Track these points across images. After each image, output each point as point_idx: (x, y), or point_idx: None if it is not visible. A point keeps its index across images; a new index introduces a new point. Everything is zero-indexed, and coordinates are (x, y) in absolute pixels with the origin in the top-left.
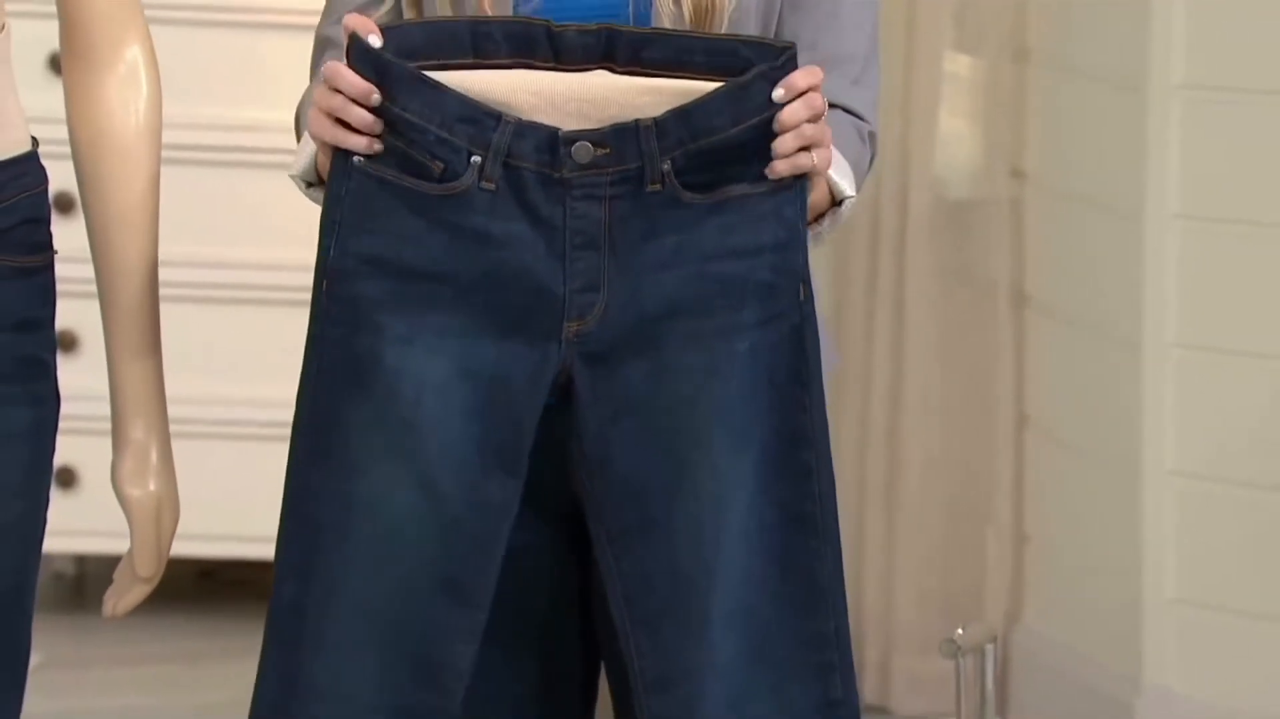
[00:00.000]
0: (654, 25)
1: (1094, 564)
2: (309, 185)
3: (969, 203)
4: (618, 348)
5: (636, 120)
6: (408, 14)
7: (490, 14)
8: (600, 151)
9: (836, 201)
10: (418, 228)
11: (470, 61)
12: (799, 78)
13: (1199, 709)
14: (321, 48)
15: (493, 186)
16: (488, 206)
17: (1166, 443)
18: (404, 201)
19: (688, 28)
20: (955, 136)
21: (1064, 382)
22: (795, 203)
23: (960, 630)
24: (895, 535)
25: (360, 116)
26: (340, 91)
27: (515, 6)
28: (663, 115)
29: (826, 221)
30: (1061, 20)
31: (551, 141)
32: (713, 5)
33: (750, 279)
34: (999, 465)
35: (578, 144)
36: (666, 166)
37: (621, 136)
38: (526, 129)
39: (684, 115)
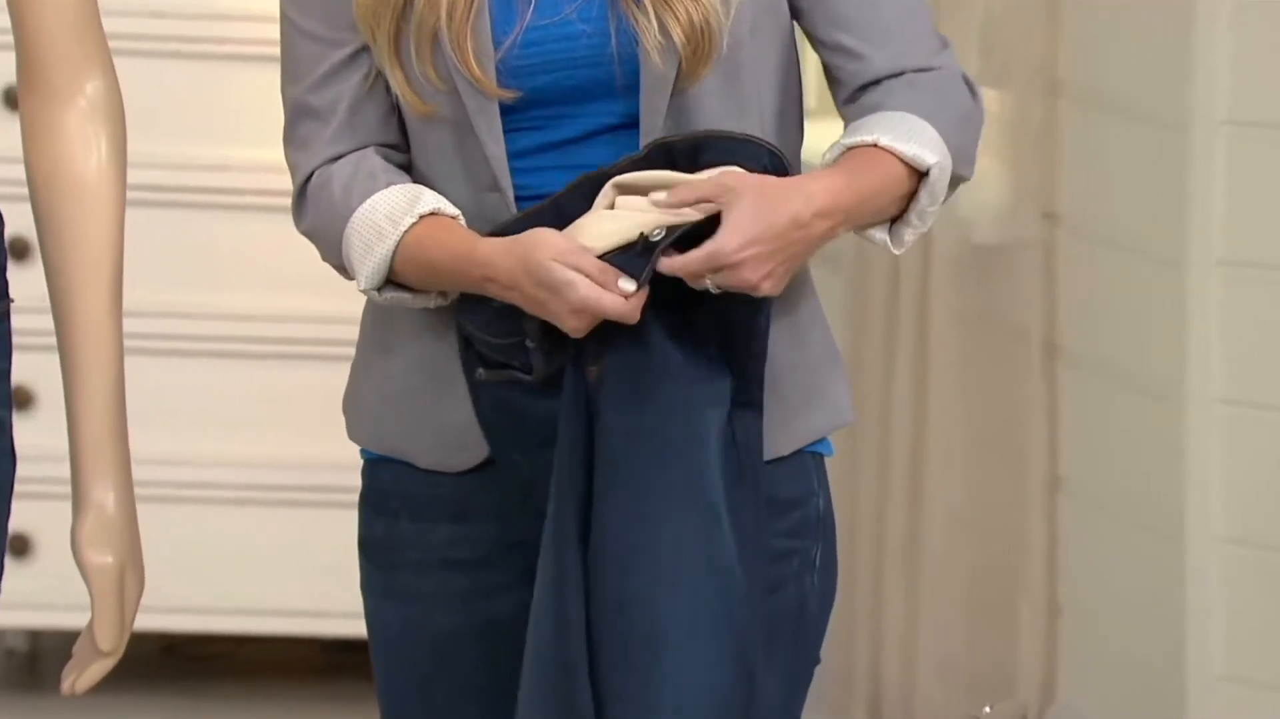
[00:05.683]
0: (641, 61)
1: (1134, 638)
2: (378, 290)
3: (997, 246)
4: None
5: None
6: (386, 71)
7: (476, 70)
8: None
9: (922, 175)
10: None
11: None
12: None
13: None
14: (300, 114)
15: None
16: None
17: (1212, 506)
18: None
19: (679, 58)
20: (982, 175)
21: (1100, 439)
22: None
23: (988, 709)
24: (917, 603)
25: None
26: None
27: (496, 45)
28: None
29: (923, 196)
30: (1096, 51)
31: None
32: (707, 28)
33: None
34: (1030, 528)
35: None
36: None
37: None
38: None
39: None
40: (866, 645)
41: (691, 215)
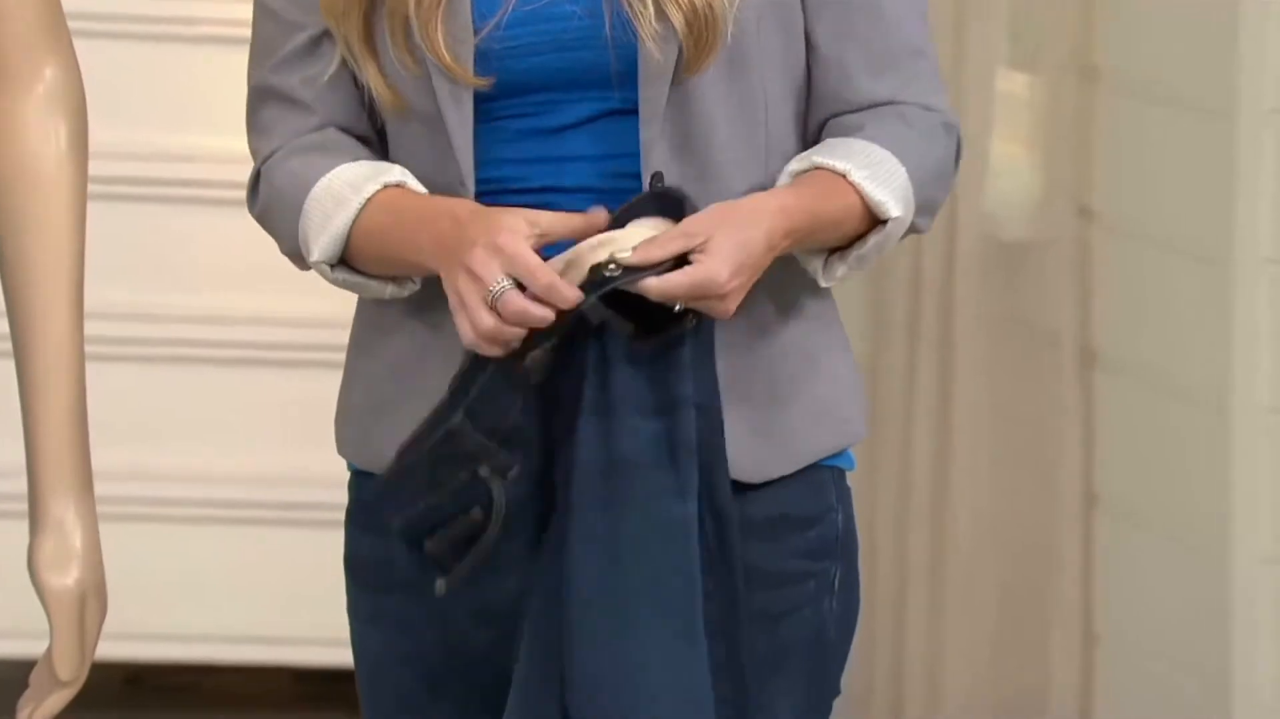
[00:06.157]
0: (638, 50)
1: (1176, 664)
2: (331, 268)
3: (1027, 243)
4: None
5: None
6: (360, 59)
7: (446, 57)
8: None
9: (880, 221)
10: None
11: None
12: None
13: None
14: (262, 98)
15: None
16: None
17: (1260, 523)
18: None
19: (680, 46)
20: (1010, 166)
21: (1139, 451)
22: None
23: None
24: (942, 627)
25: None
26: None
27: (479, 27)
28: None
29: (871, 241)
30: (1135, 35)
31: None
32: (710, 14)
33: None
34: (1063, 547)
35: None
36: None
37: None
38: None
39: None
40: (887, 672)
41: (659, 257)
